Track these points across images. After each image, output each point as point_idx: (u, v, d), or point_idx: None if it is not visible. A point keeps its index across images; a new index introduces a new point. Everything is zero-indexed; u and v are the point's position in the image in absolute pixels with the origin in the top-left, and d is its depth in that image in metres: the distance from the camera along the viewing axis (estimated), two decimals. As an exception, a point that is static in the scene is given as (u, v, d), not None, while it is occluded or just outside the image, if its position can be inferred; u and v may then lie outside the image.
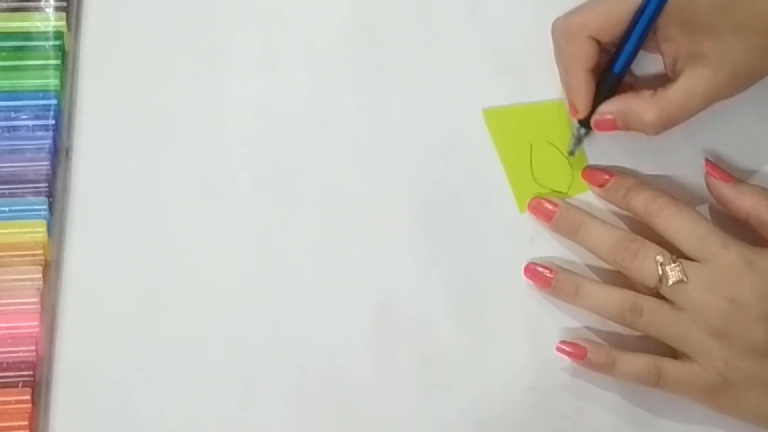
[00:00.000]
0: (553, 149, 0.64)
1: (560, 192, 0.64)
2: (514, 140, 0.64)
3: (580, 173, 0.64)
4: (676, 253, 0.59)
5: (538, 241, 0.63)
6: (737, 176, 0.62)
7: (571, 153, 0.64)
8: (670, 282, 0.58)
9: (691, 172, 0.64)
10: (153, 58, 0.65)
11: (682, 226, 0.59)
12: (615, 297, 0.60)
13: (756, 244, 0.59)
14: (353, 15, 0.67)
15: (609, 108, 0.61)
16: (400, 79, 0.66)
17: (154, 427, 0.59)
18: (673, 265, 0.58)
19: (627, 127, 0.61)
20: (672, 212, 0.60)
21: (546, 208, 0.63)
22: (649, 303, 0.59)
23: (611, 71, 0.61)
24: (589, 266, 0.62)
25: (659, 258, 0.59)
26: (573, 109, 0.62)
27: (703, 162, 0.63)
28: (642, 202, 0.61)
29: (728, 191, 0.61)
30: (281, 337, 0.61)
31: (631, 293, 0.60)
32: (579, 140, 0.63)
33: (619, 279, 0.61)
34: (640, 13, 0.59)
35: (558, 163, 0.64)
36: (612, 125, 0.61)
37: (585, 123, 0.62)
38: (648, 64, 0.63)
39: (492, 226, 0.63)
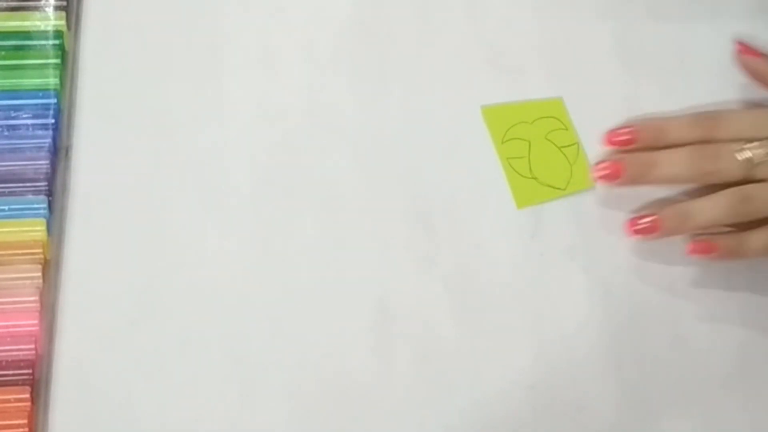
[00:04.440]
0: (551, 146, 0.64)
1: (558, 188, 0.64)
2: (513, 137, 0.65)
3: (577, 168, 0.64)
4: None
5: (538, 238, 0.63)
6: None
7: None
8: (757, 161, 0.59)
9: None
10: (153, 58, 0.66)
11: (743, 123, 0.61)
12: (722, 201, 0.60)
13: None
14: (353, 15, 0.67)
15: None
16: (400, 79, 0.66)
17: (153, 427, 0.59)
18: (753, 144, 0.59)
19: None
20: (724, 116, 0.61)
21: (613, 166, 0.62)
22: (752, 188, 0.60)
23: None
24: (596, 257, 0.63)
25: (736, 146, 0.59)
26: None
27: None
28: (686, 127, 0.61)
29: (762, 65, 0.62)
30: (281, 337, 0.61)
31: (730, 189, 0.60)
32: None
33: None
34: None
35: (556, 160, 0.64)
36: None
37: None
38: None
39: (492, 225, 0.63)
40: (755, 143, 0.59)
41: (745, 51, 0.62)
